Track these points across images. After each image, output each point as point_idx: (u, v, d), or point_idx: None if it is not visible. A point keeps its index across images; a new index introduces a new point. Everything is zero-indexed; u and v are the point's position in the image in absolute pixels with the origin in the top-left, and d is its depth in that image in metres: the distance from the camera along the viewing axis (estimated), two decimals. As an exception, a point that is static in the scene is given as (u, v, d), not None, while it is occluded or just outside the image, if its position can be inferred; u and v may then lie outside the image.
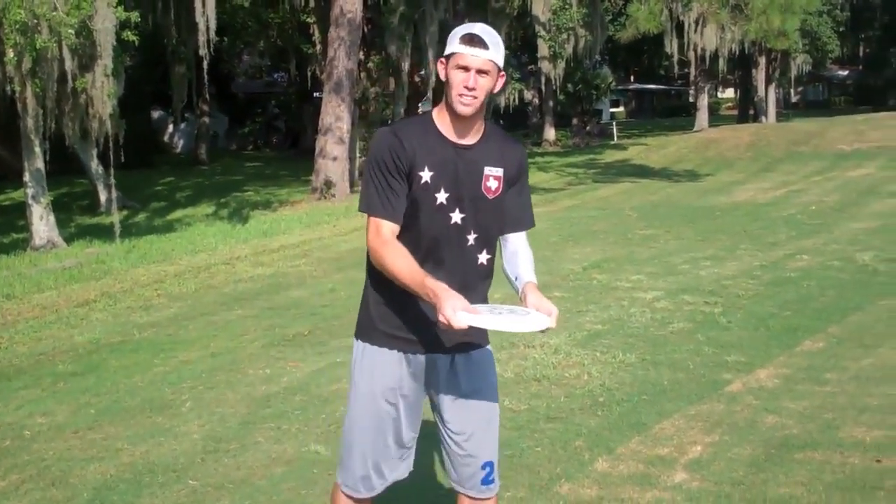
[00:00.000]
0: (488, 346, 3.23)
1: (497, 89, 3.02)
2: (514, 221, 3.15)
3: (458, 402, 3.13)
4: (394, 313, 3.07)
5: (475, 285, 3.11)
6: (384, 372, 3.10)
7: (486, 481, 3.17)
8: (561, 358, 6.75)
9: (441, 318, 2.73)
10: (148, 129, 38.23)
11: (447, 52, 2.96)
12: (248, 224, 18.16)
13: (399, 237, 2.99)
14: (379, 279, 3.05)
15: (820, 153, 29.56)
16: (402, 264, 2.90)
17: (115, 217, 17.11)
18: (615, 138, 43.53)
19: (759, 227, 13.84)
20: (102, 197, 21.85)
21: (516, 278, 3.14)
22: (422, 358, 3.10)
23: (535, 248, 3.29)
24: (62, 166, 24.48)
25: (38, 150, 15.76)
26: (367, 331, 3.14)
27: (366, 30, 24.37)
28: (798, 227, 13.60)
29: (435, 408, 3.20)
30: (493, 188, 3.05)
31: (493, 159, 3.05)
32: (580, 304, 8.72)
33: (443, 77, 2.98)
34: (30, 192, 15.84)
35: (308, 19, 31.67)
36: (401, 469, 3.20)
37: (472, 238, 3.05)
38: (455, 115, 2.97)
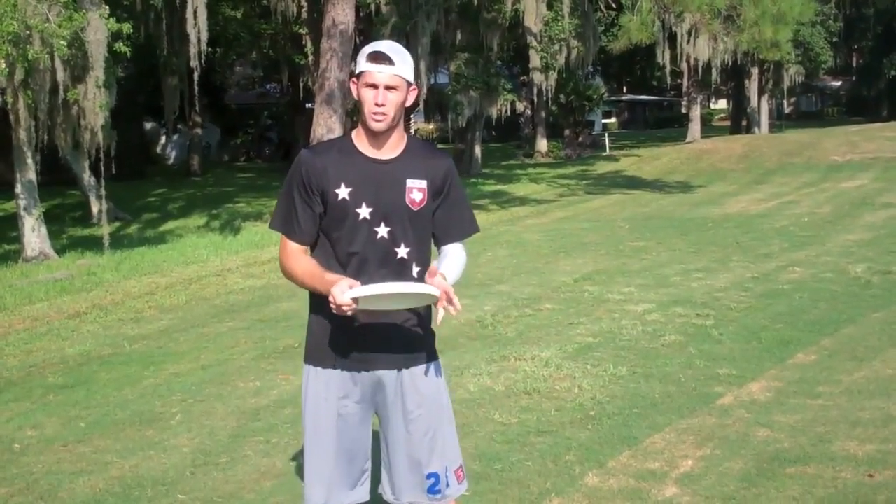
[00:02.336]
0: (436, 361, 3.25)
1: (409, 103, 3.08)
2: (452, 233, 3.20)
3: (405, 417, 3.15)
4: (338, 333, 3.10)
5: None
6: (330, 392, 3.14)
7: (433, 491, 3.16)
8: (552, 371, 6.74)
9: (330, 302, 2.85)
10: (140, 140, 38.17)
11: (357, 70, 3.03)
12: (239, 235, 18.13)
13: (328, 255, 3.09)
14: (319, 301, 3.07)
15: (813, 164, 29.63)
16: (303, 267, 3.05)
17: (106, 229, 17.06)
18: (607, 149, 43.59)
19: (751, 238, 13.84)
20: (94, 208, 21.79)
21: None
22: (367, 376, 3.13)
23: (527, 259, 3.31)
24: (54, 177, 24.49)
25: (30, 161, 15.74)
26: (312, 353, 3.18)
27: (358, 41, 24.35)
28: (791, 238, 13.61)
29: (382, 424, 3.23)
30: (417, 200, 3.09)
31: (415, 171, 3.09)
32: (571, 317, 8.70)
33: (355, 96, 3.03)
34: (22, 203, 15.81)
35: (300, 31, 31.72)
36: (358, 493, 3.22)
37: (402, 251, 3.09)
38: (370, 132, 3.04)
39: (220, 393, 6.76)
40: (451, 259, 3.18)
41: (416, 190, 3.08)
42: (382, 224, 3.05)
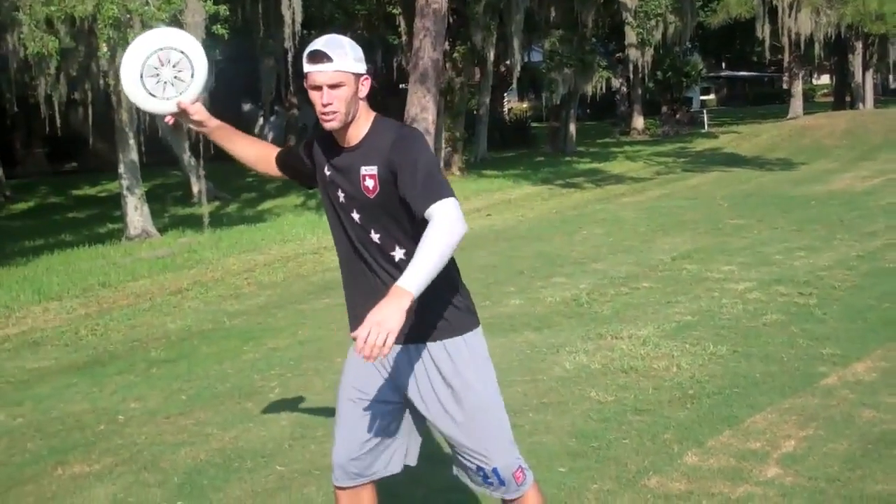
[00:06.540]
0: (460, 337, 3.03)
1: (364, 93, 2.96)
2: (415, 204, 2.81)
3: (433, 403, 3.04)
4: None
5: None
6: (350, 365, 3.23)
7: (486, 482, 3.09)
8: (649, 349, 6.65)
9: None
10: (238, 121, 38.46)
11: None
12: (336, 214, 18.28)
13: (336, 239, 3.13)
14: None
15: (920, 141, 28.71)
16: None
17: (206, 208, 17.40)
18: (706, 126, 42.90)
19: (855, 216, 13.46)
20: (195, 188, 22.23)
21: None
22: None
23: (623, 237, 3.24)
24: (156, 158, 25.02)
25: (132, 142, 16.12)
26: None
27: (451, 20, 24.35)
28: (897, 216, 13.20)
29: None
30: (370, 187, 2.94)
31: (368, 158, 2.95)
32: (669, 295, 8.57)
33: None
34: (125, 183, 16.19)
35: (394, 11, 31.79)
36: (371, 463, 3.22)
37: (375, 236, 3.00)
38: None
39: (317, 367, 6.83)
40: (424, 243, 2.69)
41: (368, 177, 2.94)
42: (354, 210, 3.00)
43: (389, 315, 2.55)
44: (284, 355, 7.31)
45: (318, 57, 2.86)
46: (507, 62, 30.99)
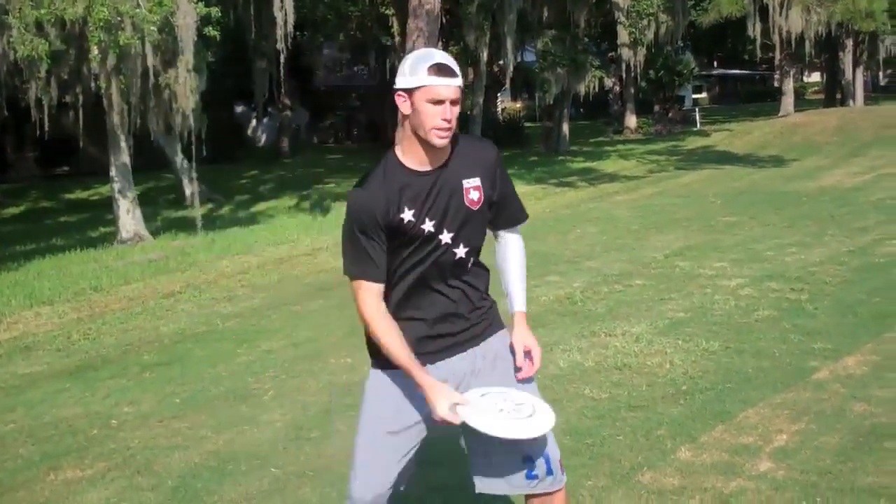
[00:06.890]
0: (505, 329, 3.16)
1: None
2: (508, 219, 3.15)
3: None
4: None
5: (468, 290, 3.07)
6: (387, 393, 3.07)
7: (530, 476, 3.02)
8: (643, 346, 6.66)
9: (437, 418, 2.87)
10: (231, 123, 38.67)
11: (410, 84, 2.81)
12: (329, 215, 18.29)
13: (392, 267, 2.97)
14: None
15: (910, 136, 28.78)
16: (393, 342, 2.92)
17: (199, 210, 17.37)
18: (698, 125, 42.97)
19: (846, 212, 13.49)
20: (187, 191, 22.18)
21: (508, 295, 3.16)
22: (441, 364, 3.04)
23: (616, 236, 3.25)
24: (148, 161, 25.00)
25: (123, 145, 16.08)
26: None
27: (444, 20, 24.37)
28: (887, 211, 13.22)
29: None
30: (475, 199, 2.97)
31: (468, 171, 2.96)
32: (662, 292, 8.59)
33: (405, 111, 2.85)
34: (116, 186, 16.17)
35: (387, 11, 31.82)
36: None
37: (462, 251, 2.99)
38: (430, 147, 2.88)
39: (312, 369, 6.84)
40: (515, 265, 3.17)
41: (473, 189, 2.96)
42: (445, 231, 2.94)
43: (535, 339, 3.16)
44: (279, 357, 7.31)
45: (447, 71, 2.80)
46: (501, 62, 31.01)
